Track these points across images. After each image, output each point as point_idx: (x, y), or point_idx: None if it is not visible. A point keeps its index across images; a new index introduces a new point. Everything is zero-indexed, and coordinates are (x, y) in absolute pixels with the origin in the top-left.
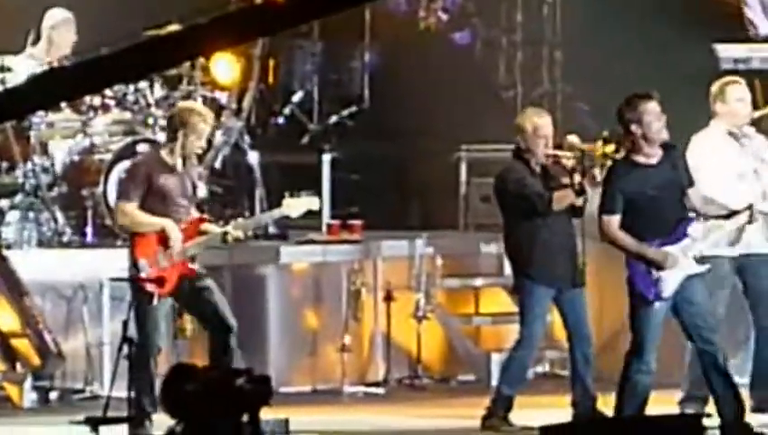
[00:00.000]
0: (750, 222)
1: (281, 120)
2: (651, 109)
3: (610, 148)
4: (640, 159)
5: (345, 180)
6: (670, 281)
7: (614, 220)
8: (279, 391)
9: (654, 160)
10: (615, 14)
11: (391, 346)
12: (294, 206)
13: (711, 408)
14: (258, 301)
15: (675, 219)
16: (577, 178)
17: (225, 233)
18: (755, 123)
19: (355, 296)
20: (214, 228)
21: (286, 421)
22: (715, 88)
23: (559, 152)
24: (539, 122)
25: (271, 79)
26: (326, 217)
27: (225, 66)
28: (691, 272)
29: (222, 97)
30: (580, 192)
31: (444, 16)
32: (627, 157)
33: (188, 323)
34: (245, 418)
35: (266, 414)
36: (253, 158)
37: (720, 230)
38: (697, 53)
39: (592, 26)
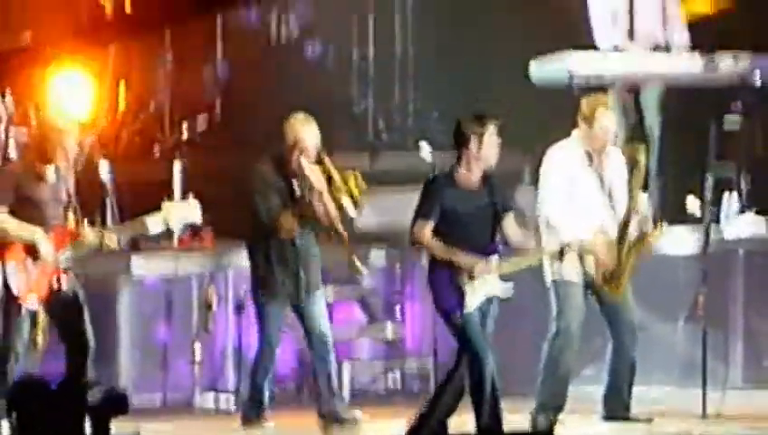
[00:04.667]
0: (560, 259)
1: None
2: (492, 132)
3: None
4: (463, 177)
5: (196, 192)
6: (475, 295)
7: (428, 226)
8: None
9: (475, 182)
10: (468, 27)
11: (242, 357)
12: (173, 212)
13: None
14: (109, 311)
15: (483, 243)
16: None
17: (102, 239)
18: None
19: (206, 307)
20: (89, 234)
21: (137, 434)
22: (585, 108)
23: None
24: (301, 135)
25: (123, 91)
26: None
27: (77, 81)
28: (496, 293)
29: (74, 108)
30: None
31: (296, 29)
32: (450, 171)
33: (41, 333)
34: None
35: (117, 427)
36: (104, 169)
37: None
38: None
39: (445, 39)
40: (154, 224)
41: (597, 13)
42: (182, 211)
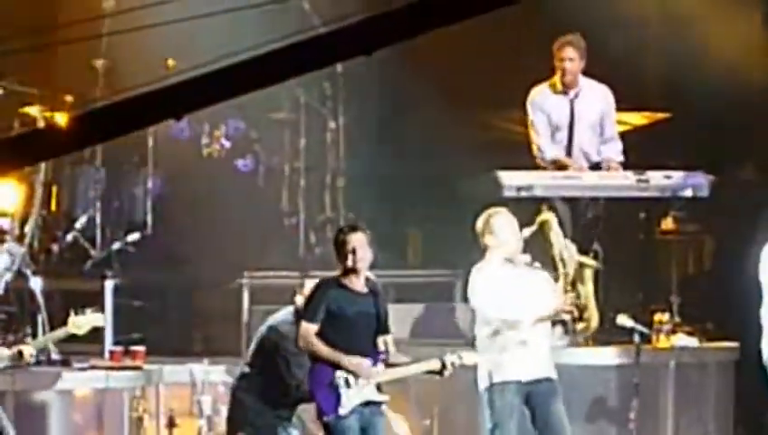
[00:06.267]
0: (440, 374)
1: (63, 245)
2: (358, 239)
3: None
4: (347, 282)
5: (128, 307)
6: (351, 399)
7: (312, 328)
8: None
9: (359, 286)
10: (398, 141)
11: None
12: (80, 324)
13: None
14: (40, 427)
15: (366, 348)
16: None
17: (20, 352)
18: (528, 243)
19: (137, 423)
20: (3, 350)
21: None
22: (479, 224)
23: None
24: None
25: (54, 205)
26: (108, 344)
27: (7, 192)
28: (371, 398)
29: (4, 223)
30: None
31: (227, 143)
32: (337, 278)
33: None
34: None
35: None
36: (35, 283)
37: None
38: (482, 181)
39: (375, 153)
40: (61, 335)
41: (537, 127)
42: (86, 321)
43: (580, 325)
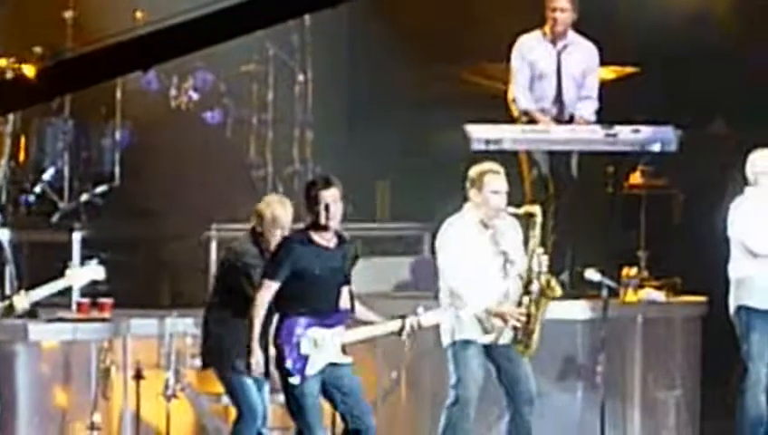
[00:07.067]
0: (399, 334)
1: (31, 197)
2: (331, 195)
3: None
4: (317, 237)
5: (95, 259)
6: (317, 361)
7: (273, 287)
8: None
9: (329, 241)
10: (367, 94)
11: (141, 425)
12: (77, 276)
13: None
14: (7, 379)
15: (333, 305)
16: None
17: (11, 305)
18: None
19: (104, 374)
20: None
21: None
22: (473, 173)
23: None
24: (279, 213)
25: (21, 156)
26: (75, 296)
27: None
28: (336, 361)
29: None
30: None
31: (195, 95)
32: (305, 232)
33: None
34: None
35: None
36: (3, 235)
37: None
38: (452, 134)
39: (344, 106)
40: (59, 286)
41: (516, 75)
42: (86, 274)
43: (518, 347)
